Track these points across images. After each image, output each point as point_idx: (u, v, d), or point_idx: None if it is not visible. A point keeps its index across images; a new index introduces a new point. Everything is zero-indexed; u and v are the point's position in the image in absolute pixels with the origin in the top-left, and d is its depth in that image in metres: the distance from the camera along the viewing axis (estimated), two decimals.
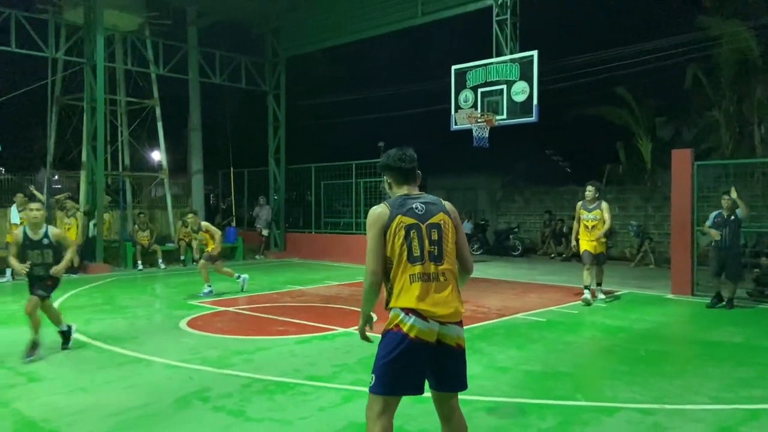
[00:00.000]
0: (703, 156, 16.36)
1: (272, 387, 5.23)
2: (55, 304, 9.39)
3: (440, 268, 3.07)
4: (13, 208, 12.62)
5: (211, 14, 18.25)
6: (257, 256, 17.69)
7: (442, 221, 3.15)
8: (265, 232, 18.13)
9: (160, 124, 17.60)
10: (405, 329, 2.96)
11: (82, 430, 4.26)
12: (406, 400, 4.75)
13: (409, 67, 25.32)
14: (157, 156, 19.98)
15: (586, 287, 9.49)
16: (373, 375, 3.03)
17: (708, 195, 10.54)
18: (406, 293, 3.01)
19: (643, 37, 19.29)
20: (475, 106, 12.92)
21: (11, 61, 17.33)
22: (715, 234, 9.10)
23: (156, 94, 17.43)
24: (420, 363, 3.00)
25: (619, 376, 5.64)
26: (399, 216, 3.07)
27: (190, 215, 11.38)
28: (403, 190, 3.26)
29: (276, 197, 18.89)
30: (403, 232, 3.05)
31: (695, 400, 4.96)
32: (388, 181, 3.31)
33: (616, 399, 4.96)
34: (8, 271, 12.53)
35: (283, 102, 18.65)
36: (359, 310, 3.33)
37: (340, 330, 7.54)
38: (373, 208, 3.18)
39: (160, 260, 14.90)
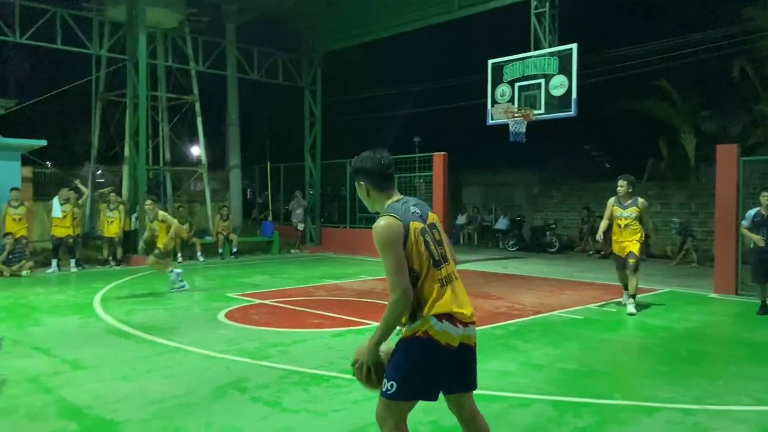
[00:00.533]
0: (750, 151, 15.86)
1: (308, 379, 5.29)
2: (98, 296, 9.75)
3: (449, 267, 2.99)
4: (56, 201, 13.02)
5: (249, 11, 18.47)
6: (293, 250, 17.88)
7: (435, 220, 3.05)
8: (300, 227, 18.31)
9: (199, 120, 17.93)
10: (437, 336, 2.83)
11: (124, 417, 4.38)
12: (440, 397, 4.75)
13: (444, 62, 25.18)
14: (196, 151, 20.36)
15: (625, 287, 8.77)
16: (393, 383, 2.85)
17: (754, 191, 10.19)
18: (441, 299, 2.88)
19: (686, 29, 18.79)
20: (512, 100, 12.79)
21: (55, 59, 17.84)
22: (758, 239, 8.22)
23: (195, 90, 17.75)
24: (445, 369, 2.91)
25: (658, 376, 5.52)
26: (411, 223, 2.89)
27: (148, 202, 10.41)
28: (387, 195, 3.05)
29: (311, 192, 19.04)
30: (421, 239, 2.89)
31: (738, 401, 4.82)
32: (366, 187, 3.08)
33: (656, 398, 4.86)
34: (54, 262, 12.95)
35: (319, 97, 18.76)
36: None
37: (375, 324, 7.54)
38: (382, 223, 2.88)
39: (198, 253, 15.19)
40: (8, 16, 13.85)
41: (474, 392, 3.10)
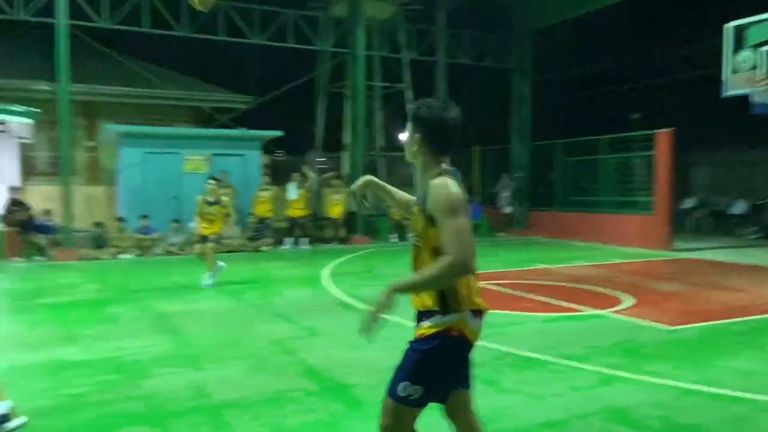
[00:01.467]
0: None
1: (522, 362, 5.28)
2: (325, 271, 10.70)
3: None
4: (292, 185, 14.60)
5: None
6: (499, 234, 17.81)
7: None
8: (507, 210, 18.14)
9: (410, 107, 18.63)
10: (470, 335, 2.60)
11: (355, 381, 4.80)
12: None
13: (664, 31, 22.82)
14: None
15: None
16: (419, 387, 2.51)
17: None
18: (475, 293, 2.63)
19: None
20: (756, 67, 11.21)
21: (281, 56, 19.60)
22: None
23: (407, 77, 18.44)
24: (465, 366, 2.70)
25: None
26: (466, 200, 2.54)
27: (211, 181, 9.02)
28: (439, 161, 2.61)
29: (518, 175, 18.72)
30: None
31: None
32: (420, 140, 2.62)
33: None
34: (288, 240, 14.51)
35: (529, 77, 18.32)
36: (610, 293, 3.04)
37: (590, 312, 7.27)
38: (449, 184, 2.48)
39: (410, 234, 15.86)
40: (250, 20, 15.71)
41: (712, 390, 2.83)
